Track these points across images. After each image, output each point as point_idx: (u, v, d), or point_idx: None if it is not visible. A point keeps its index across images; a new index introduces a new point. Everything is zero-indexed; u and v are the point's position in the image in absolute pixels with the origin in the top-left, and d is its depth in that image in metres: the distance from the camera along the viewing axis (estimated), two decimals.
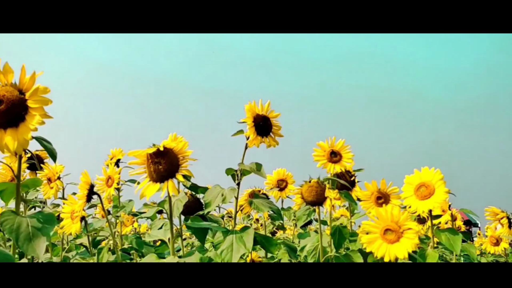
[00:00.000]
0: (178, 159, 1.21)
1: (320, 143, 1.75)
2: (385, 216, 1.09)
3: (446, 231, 1.40)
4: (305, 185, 1.50)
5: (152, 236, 1.31)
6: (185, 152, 1.21)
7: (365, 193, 1.61)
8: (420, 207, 1.38)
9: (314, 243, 1.67)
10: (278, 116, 1.75)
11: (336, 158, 1.73)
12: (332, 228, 1.70)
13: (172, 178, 1.19)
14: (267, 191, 2.44)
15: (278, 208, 1.79)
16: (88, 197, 1.38)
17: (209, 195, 1.74)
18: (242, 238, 1.63)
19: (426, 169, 1.43)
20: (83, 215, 1.40)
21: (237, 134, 1.75)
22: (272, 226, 2.78)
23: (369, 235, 1.10)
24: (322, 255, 1.50)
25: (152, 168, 1.18)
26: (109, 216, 1.55)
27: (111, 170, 1.52)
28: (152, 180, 1.20)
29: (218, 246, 1.62)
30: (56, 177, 1.57)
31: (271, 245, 1.83)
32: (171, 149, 1.20)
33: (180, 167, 1.21)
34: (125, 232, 2.39)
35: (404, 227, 1.07)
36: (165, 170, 1.18)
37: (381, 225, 1.09)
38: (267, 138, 1.73)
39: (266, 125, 1.73)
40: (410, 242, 1.06)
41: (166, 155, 1.19)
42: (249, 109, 1.67)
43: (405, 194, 1.43)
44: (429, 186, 1.40)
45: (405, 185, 1.45)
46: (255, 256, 2.22)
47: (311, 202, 1.48)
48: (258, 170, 1.74)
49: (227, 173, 1.83)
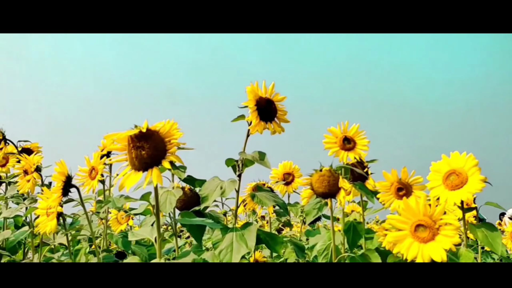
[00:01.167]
0: (165, 144, 1.02)
1: (332, 128, 1.55)
2: (416, 209, 0.89)
3: (482, 226, 1.20)
4: (316, 175, 1.29)
5: (137, 235, 1.11)
6: (173, 135, 1.01)
7: (384, 184, 1.41)
8: (451, 198, 1.18)
9: (325, 242, 1.47)
10: (283, 99, 1.56)
11: (349, 145, 1.53)
12: (346, 224, 1.50)
13: (157, 165, 0.99)
14: (273, 185, 2.25)
15: (284, 202, 1.60)
16: (64, 190, 1.19)
17: (206, 188, 1.54)
18: (244, 236, 1.44)
19: (456, 154, 1.23)
20: (59, 211, 1.20)
21: (238, 119, 1.55)
22: (277, 223, 2.59)
23: (396, 233, 0.90)
24: (335, 256, 1.30)
25: (133, 154, 0.99)
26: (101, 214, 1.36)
27: (94, 160, 1.33)
28: (134, 168, 1.01)
29: (216, 245, 1.43)
30: (33, 169, 1.38)
31: (276, 244, 1.64)
32: (157, 132, 1.00)
33: (167, 153, 1.01)
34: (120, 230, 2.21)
35: (440, 222, 0.87)
36: (149, 156, 0.98)
37: (411, 220, 0.89)
38: (271, 124, 1.54)
39: (270, 109, 1.53)
40: (449, 241, 0.86)
41: (150, 139, 0.99)
42: (251, 91, 1.48)
43: (431, 184, 1.23)
44: (461, 174, 1.19)
45: (432, 173, 1.25)
46: (259, 256, 2.02)
47: (322, 193, 1.27)
48: (262, 159, 1.55)
49: (227, 164, 1.64)
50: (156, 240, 1.09)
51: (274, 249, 1.64)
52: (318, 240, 1.50)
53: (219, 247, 1.43)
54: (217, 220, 1.80)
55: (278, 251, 1.64)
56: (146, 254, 1.83)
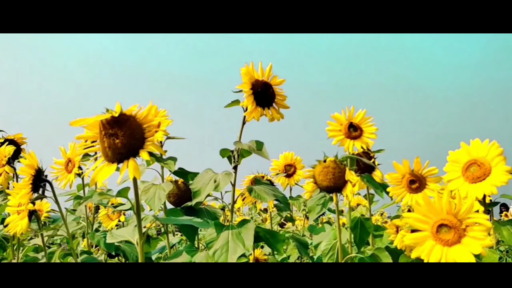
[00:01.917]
0: (143, 131, 0.87)
1: (336, 114, 1.40)
2: (438, 206, 0.75)
3: (507, 224, 1.05)
4: (319, 166, 1.14)
5: (116, 236, 0.98)
6: (153, 120, 0.87)
7: (395, 176, 1.26)
8: (472, 192, 1.03)
9: (330, 241, 1.33)
10: (282, 82, 1.42)
11: (355, 133, 1.39)
12: (352, 221, 1.36)
13: (134, 156, 0.85)
14: (273, 177, 2.11)
15: (285, 196, 1.46)
16: (34, 185, 1.05)
17: (198, 182, 1.41)
18: (240, 235, 1.31)
19: (477, 142, 1.09)
20: (30, 209, 1.07)
21: (232, 105, 1.41)
22: (279, 218, 2.45)
23: (415, 234, 0.76)
24: (342, 256, 1.16)
25: (106, 143, 0.85)
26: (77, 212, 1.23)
27: (71, 151, 1.19)
28: (107, 160, 0.87)
29: (210, 244, 1.30)
30: (4, 161, 1.25)
31: (277, 242, 1.50)
32: (133, 117, 0.86)
33: (145, 141, 0.87)
34: (110, 227, 2.08)
35: (467, 221, 0.73)
36: (123, 145, 0.84)
37: (432, 219, 0.75)
38: (269, 110, 1.40)
39: (267, 93, 1.39)
40: (478, 244, 0.71)
41: (125, 125, 0.85)
42: (246, 73, 1.33)
43: (449, 176, 1.09)
44: (483, 165, 1.05)
45: (449, 164, 1.10)
46: (259, 254, 1.89)
47: (327, 187, 1.12)
48: (259, 149, 1.41)
49: (222, 155, 1.50)
50: (138, 242, 0.95)
51: (275, 247, 1.50)
52: (322, 239, 1.36)
53: (214, 246, 1.29)
54: (213, 216, 1.67)
55: (279, 249, 1.51)
56: (136, 253, 1.70)
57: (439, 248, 0.73)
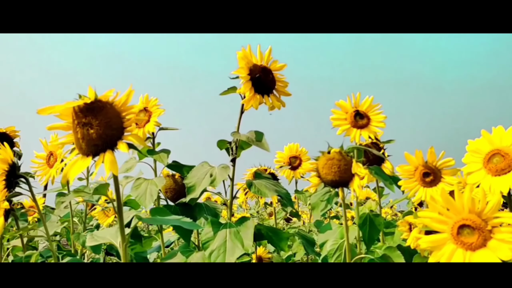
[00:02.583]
0: (122, 119, 0.77)
1: (341, 102, 1.29)
2: (458, 203, 0.63)
3: None
4: (323, 158, 1.03)
5: (97, 238, 0.88)
6: (133, 108, 0.77)
7: (407, 168, 1.15)
8: (495, 185, 0.91)
9: (336, 240, 1.22)
10: (283, 67, 1.31)
11: (362, 121, 1.27)
12: (361, 217, 1.25)
13: (112, 148, 0.75)
14: (276, 170, 2.00)
15: (287, 192, 1.35)
16: (7, 182, 0.96)
17: (193, 177, 1.31)
18: (239, 234, 1.21)
19: (500, 130, 0.96)
20: (6, 207, 0.97)
21: (228, 92, 1.31)
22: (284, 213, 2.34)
23: (433, 237, 0.64)
24: (350, 257, 1.05)
25: (79, 134, 0.75)
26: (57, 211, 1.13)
27: (53, 143, 1.09)
28: (81, 153, 0.76)
29: (207, 245, 1.20)
30: None
31: (280, 240, 1.40)
32: (109, 104, 0.76)
33: (124, 131, 0.77)
34: (107, 224, 1.99)
35: (493, 221, 0.62)
36: (99, 136, 0.74)
37: (451, 219, 0.64)
38: (269, 98, 1.29)
39: (267, 79, 1.28)
40: (506, 248, 0.60)
41: (101, 113, 0.74)
42: (243, 57, 1.23)
43: (469, 168, 0.97)
44: (508, 155, 0.93)
45: (468, 154, 0.98)
46: (263, 253, 1.79)
47: (331, 182, 1.01)
48: (258, 140, 1.30)
49: (219, 147, 1.40)
50: (120, 245, 0.85)
51: (278, 246, 1.40)
52: (328, 237, 1.25)
53: (210, 247, 1.20)
54: (213, 212, 1.56)
55: (282, 247, 1.41)
56: (131, 253, 1.61)
57: (461, 252, 0.62)
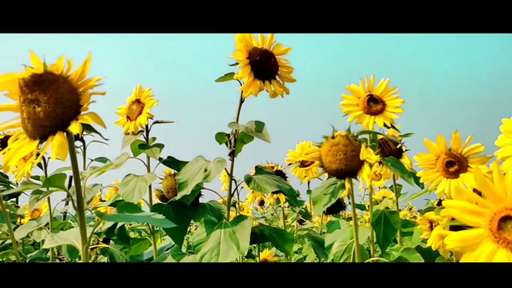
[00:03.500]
0: (77, 96, 0.64)
1: (352, 86, 1.15)
2: (499, 189, 0.48)
3: None
4: (326, 144, 0.87)
5: (58, 240, 0.74)
6: (90, 81, 0.63)
7: (427, 157, 0.99)
8: None
9: (345, 240, 1.06)
10: (287, 51, 1.17)
11: (377, 106, 1.12)
12: (374, 214, 1.09)
13: (62, 130, 0.62)
14: (284, 167, 1.86)
15: (291, 187, 1.20)
16: None
17: (186, 172, 1.17)
18: (235, 234, 1.07)
19: None
20: None
21: (226, 78, 1.18)
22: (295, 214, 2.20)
23: (464, 233, 0.49)
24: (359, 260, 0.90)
25: (25, 113, 0.62)
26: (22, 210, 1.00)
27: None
28: (28, 135, 0.63)
29: (198, 247, 1.07)
30: None
31: (285, 241, 1.26)
32: (62, 77, 0.63)
33: (80, 109, 0.63)
34: None
35: None
36: (47, 115, 0.61)
37: (489, 209, 0.49)
38: (270, 84, 1.14)
39: (268, 64, 1.15)
40: None
41: (50, 88, 0.61)
42: (242, 39, 1.09)
43: (504, 152, 0.80)
44: None
45: (503, 135, 0.82)
46: (268, 256, 1.64)
47: (337, 171, 0.85)
48: (258, 131, 1.16)
49: (218, 140, 1.26)
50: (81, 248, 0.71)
51: (283, 248, 1.26)
52: (336, 238, 1.09)
53: (202, 249, 1.06)
54: (217, 212, 1.42)
55: (287, 249, 1.26)
56: (126, 256, 1.48)
57: (504, 253, 0.47)
